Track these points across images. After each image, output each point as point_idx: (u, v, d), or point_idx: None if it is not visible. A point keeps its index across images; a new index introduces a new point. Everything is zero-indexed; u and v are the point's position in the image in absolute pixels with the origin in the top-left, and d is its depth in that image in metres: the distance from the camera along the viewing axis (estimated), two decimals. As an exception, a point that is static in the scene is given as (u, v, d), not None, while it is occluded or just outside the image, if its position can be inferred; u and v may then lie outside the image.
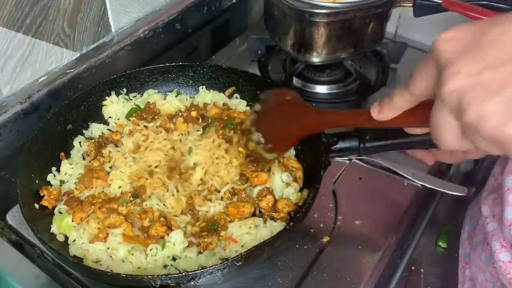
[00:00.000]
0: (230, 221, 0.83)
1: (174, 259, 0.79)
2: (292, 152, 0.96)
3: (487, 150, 0.41)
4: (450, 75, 0.39)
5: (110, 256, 0.79)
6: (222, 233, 0.80)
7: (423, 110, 0.46)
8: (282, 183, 0.89)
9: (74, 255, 0.79)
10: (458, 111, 0.40)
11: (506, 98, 0.37)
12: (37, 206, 0.84)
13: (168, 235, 0.80)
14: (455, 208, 1.07)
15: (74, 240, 0.81)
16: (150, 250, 0.79)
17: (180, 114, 1.03)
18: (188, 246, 0.79)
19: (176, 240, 0.79)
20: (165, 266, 0.78)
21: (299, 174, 0.90)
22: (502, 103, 0.37)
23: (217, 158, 0.92)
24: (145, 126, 1.01)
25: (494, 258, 0.73)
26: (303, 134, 0.75)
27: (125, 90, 1.06)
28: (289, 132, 0.73)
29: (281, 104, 0.76)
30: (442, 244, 1.06)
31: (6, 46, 0.92)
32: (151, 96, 1.07)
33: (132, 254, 0.78)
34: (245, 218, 0.84)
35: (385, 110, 0.52)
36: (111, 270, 0.76)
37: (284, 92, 0.78)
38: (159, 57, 1.27)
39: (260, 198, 0.86)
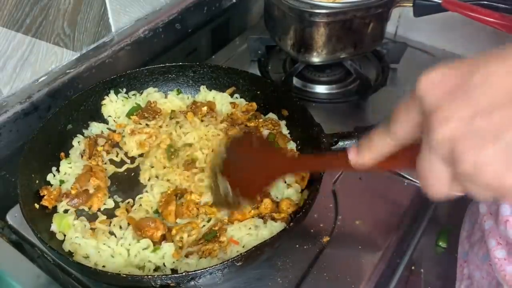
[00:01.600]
0: (229, 222, 0.83)
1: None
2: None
3: (480, 197, 0.39)
4: (439, 121, 0.37)
5: (99, 252, 0.79)
6: (223, 239, 0.79)
7: (408, 154, 0.42)
8: (284, 184, 0.89)
9: (69, 250, 0.80)
10: (451, 160, 0.37)
11: (505, 145, 0.34)
12: (37, 206, 0.84)
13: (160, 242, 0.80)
14: (455, 208, 1.07)
15: (68, 236, 0.82)
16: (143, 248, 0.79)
17: (188, 109, 1.04)
18: (187, 256, 0.78)
19: (166, 253, 0.79)
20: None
21: (305, 174, 0.90)
22: (501, 151, 0.35)
23: None
24: (147, 125, 1.01)
25: (490, 256, 0.73)
26: (273, 179, 0.71)
27: (124, 89, 1.06)
28: (258, 178, 0.70)
29: (249, 150, 0.73)
30: (442, 244, 1.05)
31: (6, 46, 0.92)
32: (151, 94, 1.07)
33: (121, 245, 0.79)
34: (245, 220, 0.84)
35: (365, 155, 0.47)
36: (103, 266, 0.77)
37: (251, 137, 0.75)
38: (159, 57, 1.27)
39: (258, 204, 0.85)
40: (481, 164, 0.35)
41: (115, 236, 0.82)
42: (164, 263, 0.79)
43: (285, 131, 1.01)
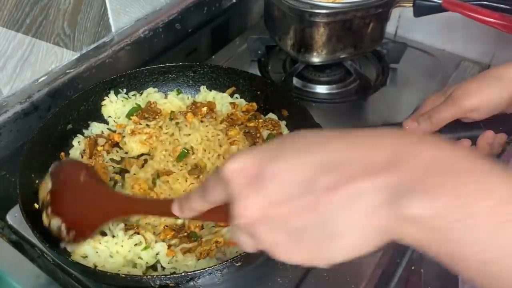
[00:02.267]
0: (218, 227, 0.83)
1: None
2: None
3: None
4: (239, 209, 0.43)
5: (97, 252, 0.78)
6: (220, 239, 0.79)
7: (223, 210, 0.48)
8: None
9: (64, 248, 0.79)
10: (252, 238, 0.44)
11: (289, 231, 0.41)
12: (37, 206, 0.84)
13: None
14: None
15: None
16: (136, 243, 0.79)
17: (188, 110, 1.04)
18: (184, 253, 0.78)
19: (159, 253, 0.78)
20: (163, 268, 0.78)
21: None
22: (286, 235, 0.42)
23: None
24: (147, 125, 1.01)
25: None
26: (107, 219, 0.70)
27: (125, 90, 1.06)
28: (91, 216, 0.67)
29: (77, 183, 0.70)
30: (442, 244, 1.05)
31: (6, 46, 0.92)
32: (151, 95, 1.07)
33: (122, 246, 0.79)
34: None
35: (185, 212, 0.54)
36: (102, 266, 0.77)
37: (78, 168, 0.73)
38: (159, 57, 1.27)
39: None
40: (273, 245, 0.43)
41: (113, 236, 0.82)
42: (161, 264, 0.78)
43: (285, 132, 1.01)
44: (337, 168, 0.40)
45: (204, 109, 1.03)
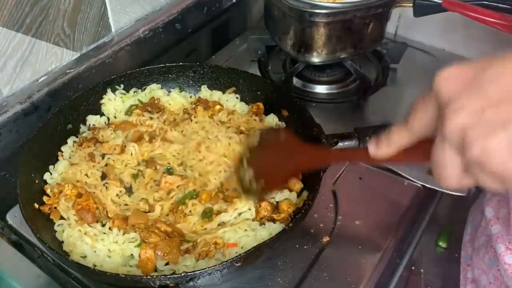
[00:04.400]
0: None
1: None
2: None
3: (489, 186, 0.41)
4: (452, 112, 0.40)
5: (95, 252, 0.78)
6: (219, 241, 0.79)
7: (422, 147, 0.45)
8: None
9: (65, 251, 0.79)
10: (461, 147, 0.40)
11: (509, 135, 0.37)
12: (37, 206, 0.84)
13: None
14: (455, 208, 1.07)
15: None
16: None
17: (197, 104, 1.04)
18: (183, 254, 0.78)
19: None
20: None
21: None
22: (505, 140, 0.37)
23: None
24: (151, 118, 1.00)
25: (499, 261, 0.73)
26: (297, 171, 0.78)
27: (122, 86, 1.05)
28: (282, 169, 0.74)
29: (275, 142, 0.76)
30: (442, 244, 1.05)
31: (6, 46, 0.92)
32: (155, 91, 1.07)
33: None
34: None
35: (383, 147, 0.51)
36: (101, 266, 0.77)
37: (278, 131, 0.82)
38: (159, 57, 1.27)
39: (258, 210, 0.84)
40: (488, 151, 0.38)
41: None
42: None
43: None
44: None
45: (217, 107, 1.03)
